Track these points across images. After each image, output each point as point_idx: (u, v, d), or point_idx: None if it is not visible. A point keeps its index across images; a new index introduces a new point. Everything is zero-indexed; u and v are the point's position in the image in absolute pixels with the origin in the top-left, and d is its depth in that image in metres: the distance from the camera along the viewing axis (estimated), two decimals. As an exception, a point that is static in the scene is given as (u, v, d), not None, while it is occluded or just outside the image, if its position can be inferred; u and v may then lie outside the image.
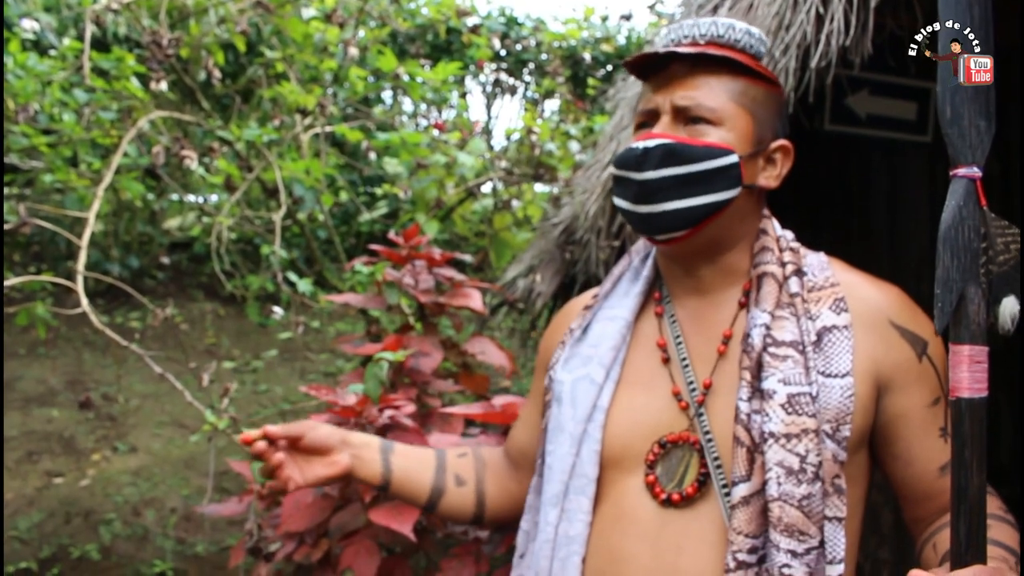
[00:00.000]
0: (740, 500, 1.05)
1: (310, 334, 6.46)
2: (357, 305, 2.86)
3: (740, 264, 1.19)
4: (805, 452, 1.03)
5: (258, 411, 5.14)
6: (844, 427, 1.05)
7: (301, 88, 3.75)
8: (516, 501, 1.40)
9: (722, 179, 1.11)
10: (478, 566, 2.05)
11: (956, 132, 0.91)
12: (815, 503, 1.02)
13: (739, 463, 1.06)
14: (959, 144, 0.90)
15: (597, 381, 1.20)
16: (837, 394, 1.06)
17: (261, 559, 1.94)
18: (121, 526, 4.02)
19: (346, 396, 2.03)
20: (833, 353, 1.07)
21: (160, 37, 2.85)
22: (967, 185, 0.90)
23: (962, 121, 0.91)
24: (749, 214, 1.18)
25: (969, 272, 0.88)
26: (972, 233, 0.88)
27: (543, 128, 4.07)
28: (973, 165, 0.91)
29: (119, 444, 4.72)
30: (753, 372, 1.08)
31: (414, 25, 5.86)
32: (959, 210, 0.89)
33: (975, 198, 0.89)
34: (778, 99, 1.19)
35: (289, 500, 2.03)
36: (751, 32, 1.17)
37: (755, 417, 1.06)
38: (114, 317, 6.20)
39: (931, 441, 1.12)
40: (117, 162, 2.97)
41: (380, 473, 1.34)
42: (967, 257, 0.88)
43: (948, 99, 0.91)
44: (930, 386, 1.12)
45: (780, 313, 1.10)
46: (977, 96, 0.91)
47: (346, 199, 5.51)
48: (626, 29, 7.27)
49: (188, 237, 7.09)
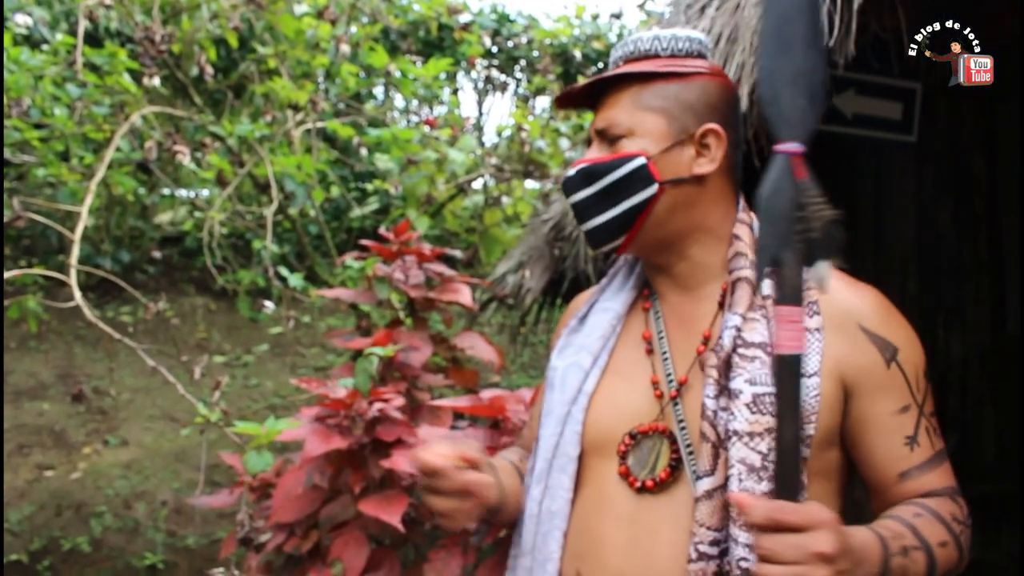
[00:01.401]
0: (703, 494, 1.08)
1: (301, 329, 6.48)
2: (348, 300, 2.88)
3: (713, 260, 1.21)
4: (767, 451, 1.05)
5: (249, 405, 5.16)
6: (808, 425, 1.08)
7: (293, 84, 3.76)
8: None
9: (634, 182, 1.18)
10: (465, 557, 2.08)
11: (775, 112, 0.98)
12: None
13: (704, 458, 1.09)
14: (778, 123, 0.97)
15: (584, 367, 1.26)
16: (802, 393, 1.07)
17: (252, 549, 1.97)
18: (112, 519, 4.04)
19: (336, 389, 2.06)
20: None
21: (153, 33, 2.87)
22: (784, 160, 0.96)
23: (781, 101, 0.97)
24: (697, 205, 1.20)
25: (784, 239, 0.94)
26: (788, 204, 0.94)
27: (533, 125, 4.09)
28: (791, 141, 0.97)
29: (110, 437, 4.74)
30: (720, 371, 1.11)
31: (406, 22, 5.88)
32: (776, 183, 0.95)
33: (791, 172, 0.95)
34: (702, 87, 1.20)
35: (279, 491, 2.06)
36: (660, 37, 1.23)
37: (721, 415, 1.10)
38: (105, 311, 6.20)
39: (894, 448, 1.12)
40: (110, 156, 2.99)
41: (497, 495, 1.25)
42: (782, 225, 0.94)
43: (767, 82, 0.99)
44: (898, 393, 1.12)
45: (751, 315, 1.12)
46: (797, 79, 0.98)
47: (337, 195, 5.53)
48: (617, 27, 7.30)
49: (179, 232, 7.09)
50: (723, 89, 1.22)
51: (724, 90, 1.22)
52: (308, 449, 1.93)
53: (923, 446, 1.13)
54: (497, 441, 2.03)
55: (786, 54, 1.00)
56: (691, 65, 1.21)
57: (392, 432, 2.04)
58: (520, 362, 6.20)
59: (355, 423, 2.06)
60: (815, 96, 0.99)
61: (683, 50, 1.22)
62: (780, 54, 1.01)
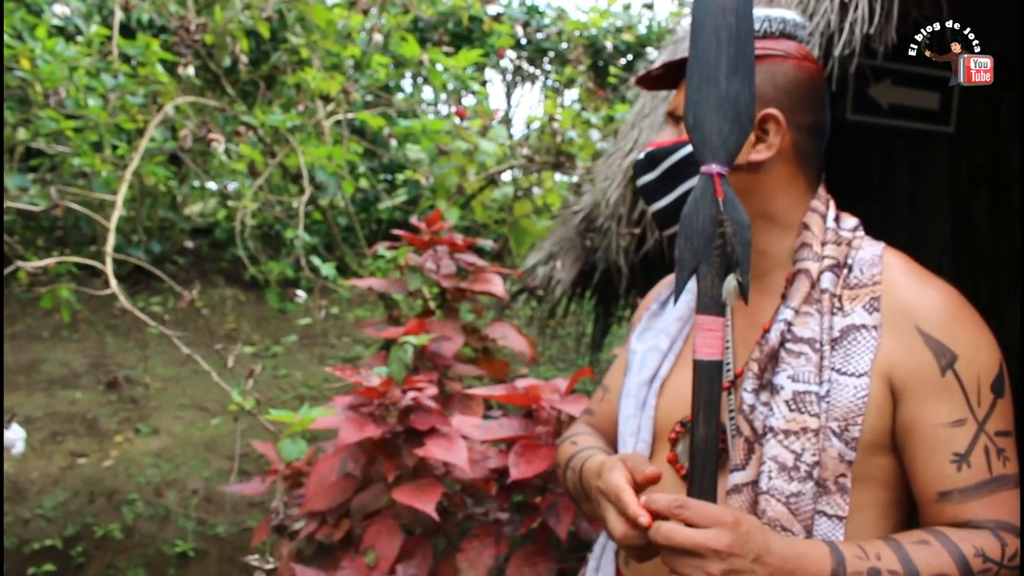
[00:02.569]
0: (732, 488, 1.08)
1: (329, 320, 6.51)
2: (379, 290, 2.88)
3: (778, 249, 1.17)
4: (801, 450, 1.04)
5: (278, 395, 5.19)
6: (853, 427, 1.04)
7: (324, 74, 3.77)
8: None
9: (689, 167, 1.19)
10: (498, 547, 2.08)
11: (698, 137, 1.03)
12: (804, 501, 1.04)
13: (737, 452, 1.09)
14: (701, 146, 1.03)
15: (662, 350, 1.28)
16: (849, 393, 1.05)
17: (285, 537, 1.97)
18: (143, 506, 4.07)
19: (370, 378, 2.06)
20: (854, 352, 1.06)
21: (188, 22, 2.88)
22: (705, 180, 1.02)
23: (704, 127, 1.03)
24: (757, 192, 1.16)
25: (701, 253, 1.00)
26: (706, 220, 1.00)
27: (565, 116, 4.07)
28: (712, 163, 1.02)
29: (141, 426, 4.78)
30: (763, 365, 1.09)
31: (436, 12, 5.87)
32: (696, 201, 1.01)
33: (712, 191, 1.00)
34: (769, 70, 1.15)
35: (313, 479, 2.06)
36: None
37: (761, 409, 1.08)
38: (136, 302, 6.25)
39: (936, 463, 1.04)
40: (144, 146, 3.00)
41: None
42: (700, 240, 1.00)
43: (691, 109, 1.04)
44: (951, 405, 1.04)
45: (806, 309, 1.10)
46: (721, 105, 1.03)
47: (366, 186, 5.54)
48: (647, 18, 7.26)
49: (209, 223, 7.15)
50: (797, 72, 1.16)
51: (798, 73, 1.16)
52: (342, 437, 1.94)
53: (976, 468, 1.03)
54: (531, 430, 2.02)
55: (709, 82, 1.04)
56: (763, 47, 1.16)
57: (426, 421, 2.04)
58: (548, 354, 6.19)
59: (389, 412, 2.06)
60: (738, 120, 1.03)
61: (762, 31, 1.18)
62: (704, 83, 1.04)
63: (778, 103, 1.14)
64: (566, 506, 1.97)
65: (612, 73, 6.27)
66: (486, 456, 2.19)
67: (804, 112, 1.16)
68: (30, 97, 3.43)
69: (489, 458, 2.17)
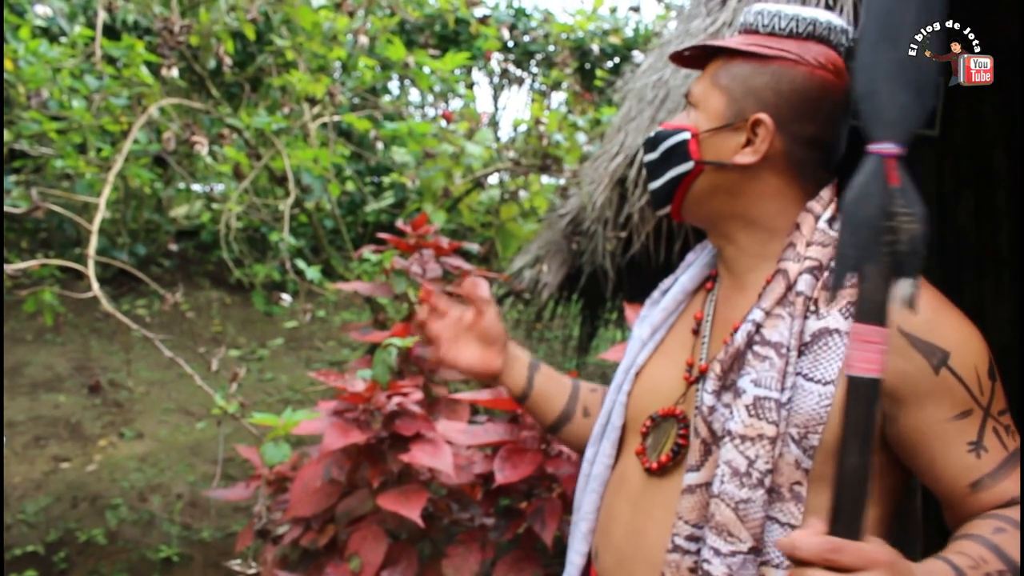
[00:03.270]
0: (687, 488, 1.07)
1: (315, 323, 6.48)
2: (365, 293, 2.87)
3: (760, 251, 1.15)
4: (755, 457, 1.02)
5: (263, 399, 5.17)
6: (813, 435, 1.02)
7: (310, 77, 3.75)
8: None
9: (677, 155, 1.16)
10: (484, 553, 2.07)
11: (870, 107, 0.88)
12: (752, 508, 1.02)
13: (694, 453, 1.08)
14: (872, 120, 0.88)
15: (642, 339, 1.27)
16: (812, 401, 1.02)
17: (269, 542, 1.96)
18: (127, 511, 4.04)
19: (355, 383, 2.05)
20: (823, 358, 1.03)
21: (172, 23, 2.86)
22: (876, 162, 0.87)
23: (877, 97, 0.88)
24: (742, 194, 1.14)
25: (868, 250, 0.86)
26: (876, 211, 0.86)
27: (551, 119, 4.07)
28: (887, 141, 0.87)
29: (125, 430, 4.75)
30: (725, 367, 1.07)
31: (423, 15, 5.86)
32: (864, 187, 0.87)
33: (883, 176, 0.86)
34: (776, 73, 1.10)
35: (297, 485, 2.05)
36: (764, 12, 1.15)
37: (721, 411, 1.07)
38: (120, 305, 6.22)
39: (956, 456, 1.03)
40: (128, 148, 2.98)
41: (522, 387, 1.38)
42: (867, 235, 0.86)
43: (864, 73, 0.89)
44: (953, 399, 1.02)
45: (778, 311, 1.07)
46: (901, 70, 0.88)
47: (352, 189, 5.52)
48: (633, 21, 7.27)
49: (194, 225, 7.11)
50: (806, 80, 1.10)
51: (807, 81, 1.10)
52: (326, 443, 1.92)
53: (992, 450, 1.03)
54: (517, 435, 2.01)
55: (889, 40, 0.89)
56: (779, 47, 1.11)
57: (411, 426, 2.03)
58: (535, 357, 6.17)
59: (373, 417, 2.05)
60: (922, 90, 0.88)
61: (785, 29, 1.13)
62: (882, 41, 0.89)
63: (776, 109, 1.10)
64: (552, 511, 1.97)
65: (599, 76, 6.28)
66: (472, 461, 2.18)
67: (804, 122, 1.10)
68: (12, 98, 3.40)
69: (475, 463, 2.17)
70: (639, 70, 3.63)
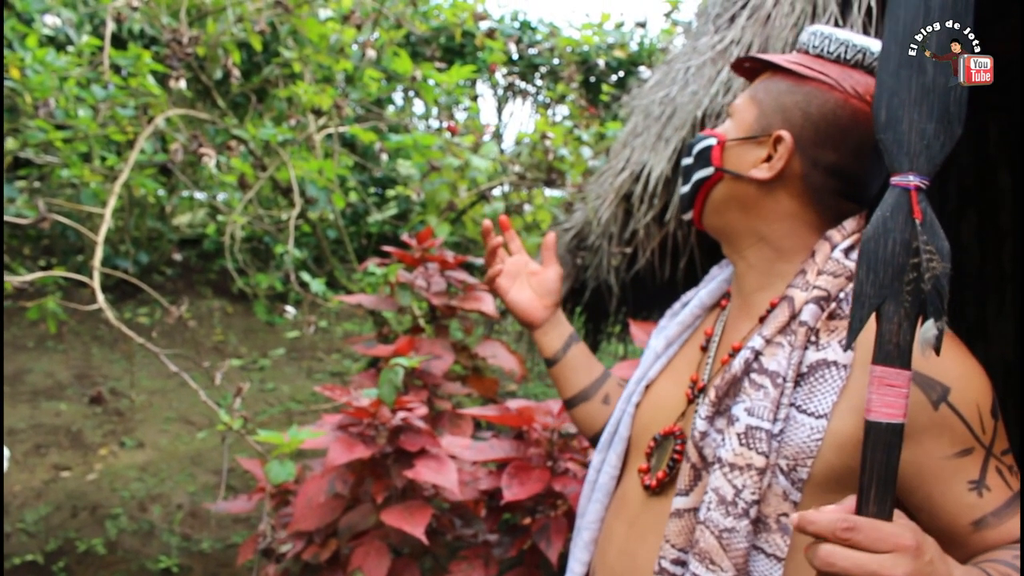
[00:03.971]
0: (675, 511, 1.06)
1: (317, 334, 6.48)
2: (369, 306, 2.86)
3: (768, 269, 1.14)
4: (742, 487, 0.99)
5: (265, 409, 5.15)
6: (802, 468, 0.99)
7: (316, 88, 3.76)
8: None
9: (700, 161, 1.17)
10: (487, 569, 2.06)
11: (891, 137, 0.84)
12: (736, 538, 1.00)
13: (684, 477, 1.07)
14: (894, 151, 0.83)
15: (656, 351, 1.28)
16: (803, 433, 0.99)
17: (272, 560, 1.95)
18: (127, 521, 4.03)
19: (360, 398, 2.04)
20: (818, 390, 1.01)
21: (181, 35, 2.87)
22: (899, 195, 0.82)
23: (899, 125, 0.84)
24: (756, 209, 1.13)
25: (888, 288, 0.81)
26: (898, 247, 0.81)
27: (557, 133, 4.07)
28: (909, 173, 0.83)
29: (126, 439, 4.73)
30: (720, 393, 1.06)
31: (429, 28, 5.88)
32: (884, 221, 0.82)
33: (907, 209, 0.81)
34: (809, 94, 1.09)
35: (301, 500, 2.04)
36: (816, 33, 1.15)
37: (713, 436, 1.05)
38: (122, 313, 6.21)
39: (956, 495, 0.99)
40: (134, 158, 2.98)
41: (556, 350, 1.42)
42: (887, 272, 0.81)
43: (884, 101, 0.84)
44: (952, 436, 0.98)
45: (778, 339, 1.05)
46: (924, 98, 0.84)
47: (357, 200, 5.53)
48: (639, 36, 7.28)
49: (198, 234, 7.12)
50: (837, 107, 1.07)
51: (838, 108, 1.07)
52: (331, 458, 1.91)
53: (995, 489, 0.99)
54: (523, 452, 2.00)
55: (912, 67, 0.85)
56: (818, 69, 1.10)
57: (416, 442, 2.03)
58: (537, 371, 6.17)
59: (378, 432, 2.04)
60: (948, 118, 0.83)
61: (833, 53, 1.11)
62: (905, 66, 0.85)
63: (800, 129, 1.09)
64: (557, 529, 1.96)
65: (604, 90, 6.29)
66: (476, 477, 2.17)
67: (827, 149, 1.08)
68: (19, 107, 3.40)
69: (479, 479, 2.16)
70: (646, 86, 3.64)
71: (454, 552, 2.19)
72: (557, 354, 1.42)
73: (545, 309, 1.42)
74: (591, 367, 1.44)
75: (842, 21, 2.15)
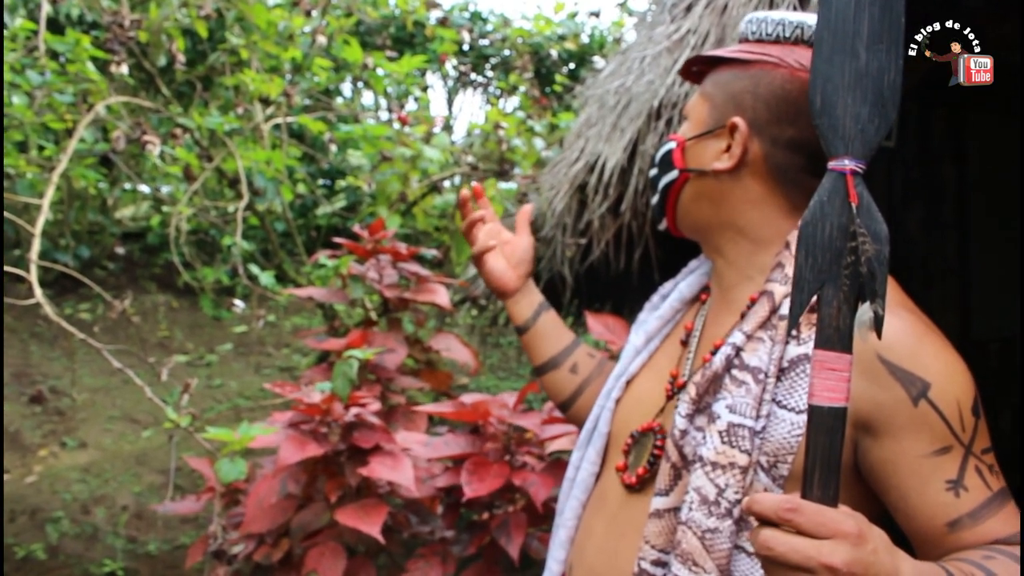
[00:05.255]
0: (654, 512, 1.03)
1: (266, 328, 6.36)
2: (321, 299, 2.80)
3: (747, 263, 1.12)
4: (725, 486, 0.98)
5: (213, 406, 5.04)
6: (783, 464, 0.98)
7: (264, 76, 3.67)
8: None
9: (665, 165, 1.18)
10: (444, 567, 2.02)
11: (826, 123, 0.84)
12: (719, 538, 0.98)
13: (663, 477, 1.04)
14: (830, 135, 0.84)
15: (637, 346, 1.27)
16: (784, 429, 0.98)
17: (223, 562, 1.88)
18: (69, 524, 3.90)
19: (311, 394, 1.98)
20: (798, 385, 0.99)
21: (122, 17, 2.76)
22: (835, 179, 0.82)
23: (834, 111, 0.84)
24: (725, 201, 1.11)
25: (827, 273, 0.81)
26: (835, 231, 0.81)
27: (510, 123, 4.03)
28: (845, 158, 0.83)
29: (68, 439, 4.59)
30: (701, 390, 1.04)
31: (379, 16, 5.79)
32: (821, 206, 0.82)
33: (844, 194, 0.81)
34: (755, 77, 1.09)
35: (251, 501, 1.97)
36: (752, 19, 1.14)
37: (693, 435, 1.03)
38: (63, 308, 6.04)
39: (932, 495, 0.96)
40: (73, 147, 2.87)
41: (527, 318, 1.44)
42: (826, 257, 0.81)
43: (819, 87, 0.85)
44: (931, 434, 0.96)
45: (759, 334, 1.03)
46: (858, 83, 0.84)
47: (306, 191, 5.43)
48: (591, 27, 7.26)
49: (141, 227, 6.94)
50: (786, 82, 1.07)
51: (786, 83, 1.07)
52: (282, 457, 1.85)
53: (973, 489, 0.96)
54: (480, 447, 1.96)
55: (845, 53, 0.85)
56: (761, 52, 1.10)
57: (369, 438, 1.97)
58: (489, 363, 6.14)
59: (331, 429, 1.98)
60: (882, 102, 0.83)
61: (772, 34, 1.11)
62: (837, 53, 0.85)
63: (753, 112, 1.08)
64: (517, 524, 1.92)
65: (556, 81, 6.26)
66: (432, 473, 2.12)
67: (783, 125, 1.07)
68: (-50, 94, 3.26)
69: (436, 475, 2.11)
70: (601, 75, 3.62)
71: (411, 550, 2.14)
72: (528, 322, 1.44)
73: (518, 278, 1.43)
74: (560, 335, 1.45)
75: (800, 6, 2.14)
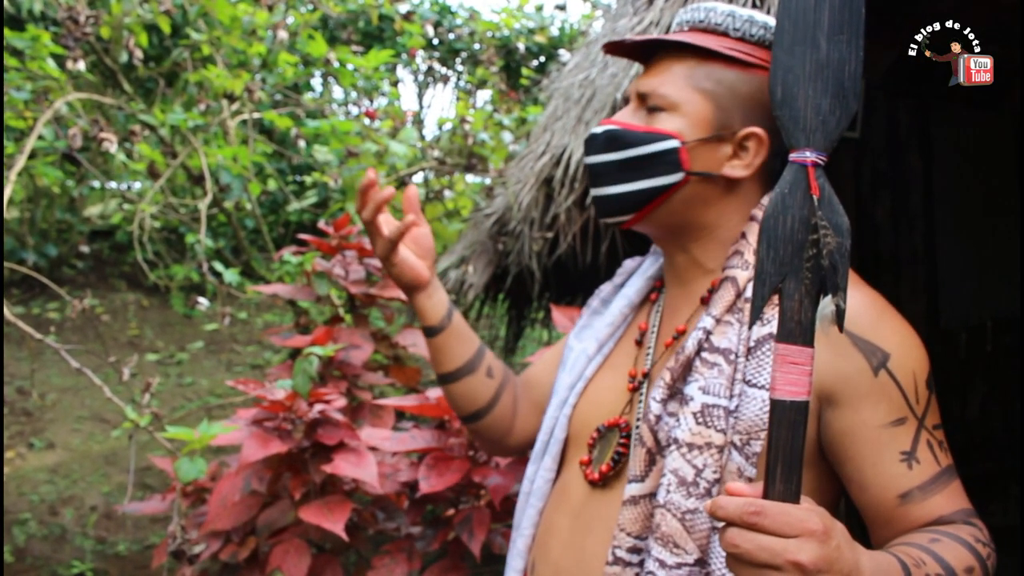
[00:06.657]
0: (629, 499, 1.04)
1: (236, 325, 6.32)
2: (286, 296, 2.78)
3: (713, 257, 1.13)
4: (703, 466, 0.99)
5: (183, 405, 5.01)
6: (755, 442, 0.99)
7: (228, 73, 3.64)
8: (511, 424, 1.39)
9: (661, 164, 1.08)
10: (410, 563, 2.02)
11: (787, 114, 0.84)
12: (699, 519, 0.99)
13: (637, 463, 1.05)
14: (791, 127, 0.84)
15: (589, 354, 1.24)
16: (755, 407, 0.99)
17: (185, 562, 1.87)
18: (37, 526, 3.87)
19: (274, 391, 1.97)
20: (765, 364, 1.00)
21: (77, 13, 2.73)
22: (796, 171, 0.82)
23: (795, 102, 0.84)
24: (717, 205, 1.11)
25: (788, 266, 0.81)
26: (796, 224, 0.81)
27: (477, 117, 4.02)
28: (806, 150, 0.83)
29: (35, 440, 4.54)
30: (676, 375, 1.05)
31: (345, 10, 5.76)
32: (783, 198, 0.81)
33: (805, 186, 0.81)
34: (760, 83, 1.08)
35: (215, 499, 1.96)
36: (735, 14, 1.10)
37: (667, 420, 1.04)
38: (31, 308, 5.97)
39: (886, 465, 0.98)
40: (31, 145, 2.83)
41: (441, 317, 1.29)
42: (787, 249, 0.81)
43: (780, 78, 0.85)
44: (889, 404, 0.98)
45: (727, 318, 1.05)
46: (819, 74, 0.84)
47: (274, 188, 5.40)
48: (559, 20, 7.27)
49: (109, 225, 6.86)
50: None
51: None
52: (245, 454, 1.85)
53: (925, 463, 0.99)
54: (444, 442, 1.96)
55: (806, 44, 0.85)
56: (758, 56, 1.08)
57: (334, 435, 1.97)
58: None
59: (295, 426, 1.98)
60: (843, 93, 0.84)
61: (756, 37, 1.09)
62: (799, 43, 0.85)
63: (763, 122, 1.07)
64: (480, 520, 1.92)
65: (524, 75, 6.26)
66: (397, 469, 2.12)
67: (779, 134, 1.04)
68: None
69: (400, 471, 2.11)
70: (565, 69, 3.62)
71: (377, 546, 2.14)
72: (443, 321, 1.30)
73: (428, 269, 1.29)
74: (472, 335, 1.35)
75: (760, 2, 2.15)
